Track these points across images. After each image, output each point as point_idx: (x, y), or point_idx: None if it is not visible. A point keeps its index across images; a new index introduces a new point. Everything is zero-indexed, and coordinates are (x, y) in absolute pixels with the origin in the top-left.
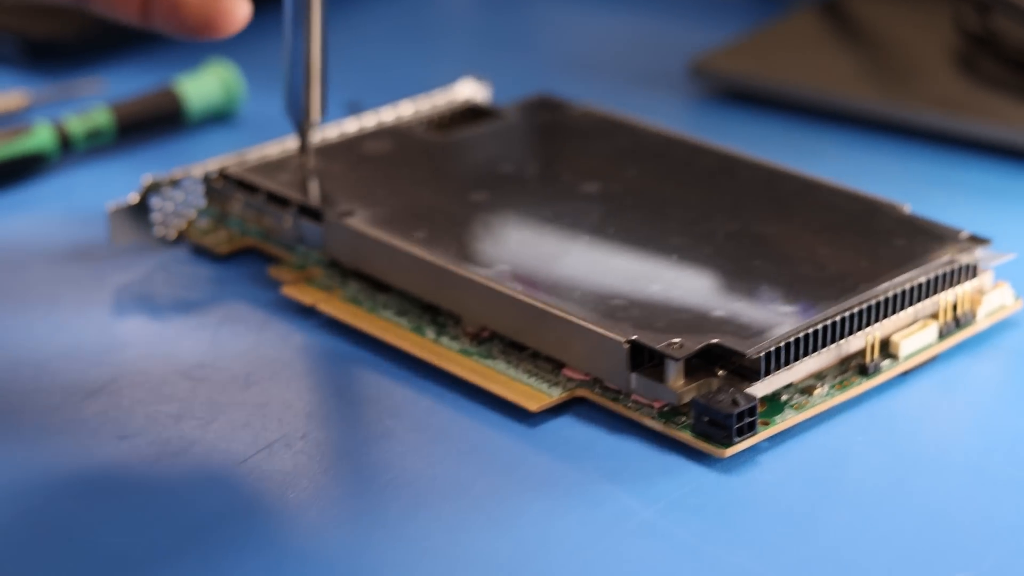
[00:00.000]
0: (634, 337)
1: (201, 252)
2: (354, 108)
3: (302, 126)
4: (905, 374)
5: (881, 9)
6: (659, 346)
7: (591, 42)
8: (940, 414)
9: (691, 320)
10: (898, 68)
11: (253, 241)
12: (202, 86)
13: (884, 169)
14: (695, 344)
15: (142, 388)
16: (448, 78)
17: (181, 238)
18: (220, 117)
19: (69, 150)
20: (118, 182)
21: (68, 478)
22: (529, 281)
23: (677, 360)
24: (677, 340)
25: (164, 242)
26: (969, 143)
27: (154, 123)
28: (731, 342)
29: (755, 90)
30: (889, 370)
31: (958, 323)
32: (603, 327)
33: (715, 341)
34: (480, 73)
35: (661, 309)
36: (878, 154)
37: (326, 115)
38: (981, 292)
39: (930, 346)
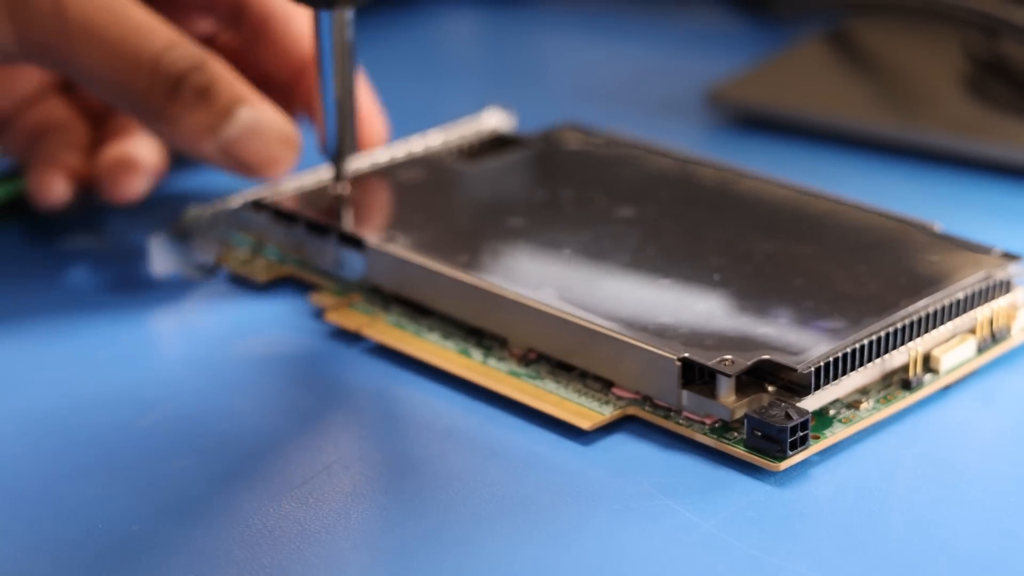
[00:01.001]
0: (685, 355)
1: (240, 281)
2: None
3: (337, 157)
4: (946, 388)
5: (887, 37)
6: (711, 363)
7: (604, 73)
8: (984, 426)
9: (738, 338)
10: (909, 93)
11: (291, 270)
12: None
13: (901, 191)
14: (746, 360)
15: (194, 415)
16: (465, 110)
17: (219, 268)
18: None
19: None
20: (145, 215)
21: (133, 506)
22: (577, 303)
23: (729, 376)
24: (728, 357)
25: (203, 272)
26: (982, 164)
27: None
28: (781, 358)
29: (771, 117)
30: (931, 384)
31: (994, 338)
32: (654, 345)
33: (766, 357)
34: (499, 104)
35: (708, 327)
36: (894, 177)
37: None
38: (1015, 307)
39: (969, 360)
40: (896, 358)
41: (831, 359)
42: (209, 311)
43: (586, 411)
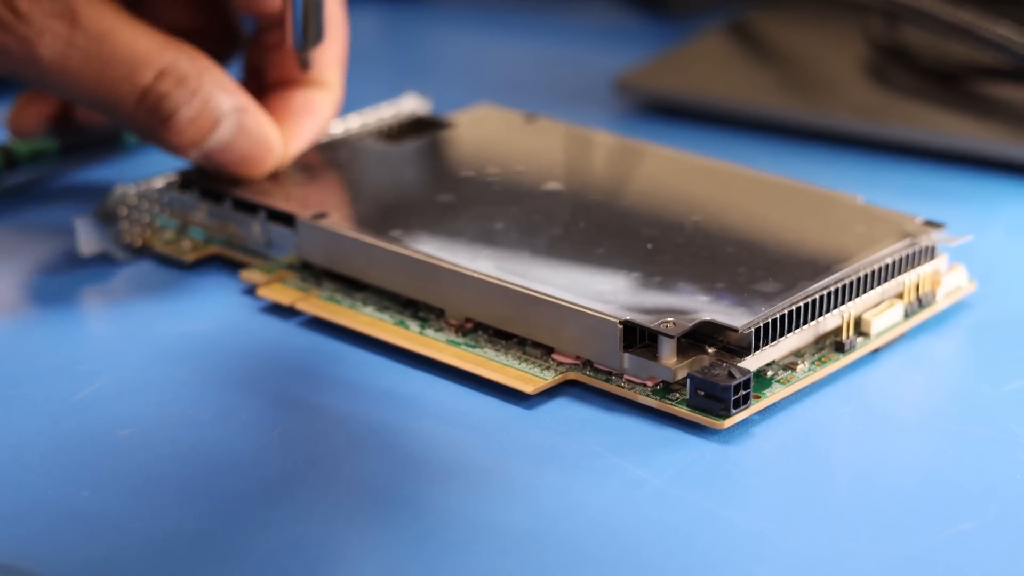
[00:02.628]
0: (627, 318)
1: (167, 261)
2: None
3: (303, 46)
4: (876, 351)
5: (787, 28)
6: (653, 325)
7: (508, 66)
8: (915, 386)
9: (677, 302)
10: (812, 79)
11: (218, 249)
12: None
13: (809, 173)
14: (688, 322)
15: (133, 388)
16: (378, 100)
17: (144, 249)
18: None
19: (13, 168)
20: (65, 199)
21: (80, 475)
22: (514, 272)
23: (672, 337)
24: (670, 319)
25: (129, 252)
26: (887, 147)
27: (95, 145)
28: (724, 318)
29: (679, 103)
30: (862, 347)
31: (920, 303)
32: (595, 309)
33: (707, 319)
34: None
35: (646, 293)
36: (801, 159)
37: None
38: (939, 273)
39: (897, 324)
40: (829, 322)
41: (770, 320)
42: (139, 289)
43: (528, 376)
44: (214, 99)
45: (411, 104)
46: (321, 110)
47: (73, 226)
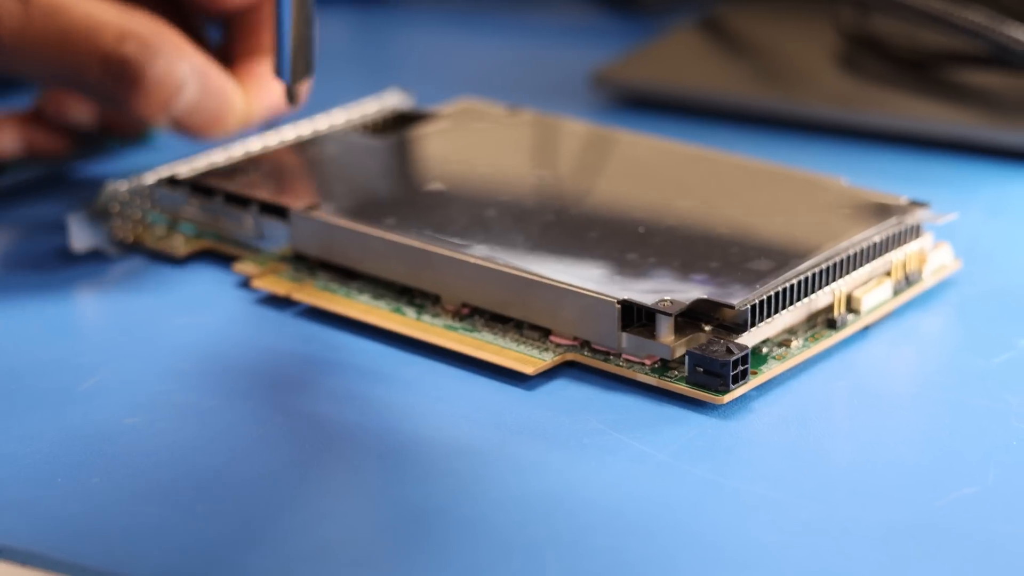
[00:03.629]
0: (625, 297)
1: (159, 257)
2: (271, 125)
3: (291, 79)
4: (866, 328)
5: (758, 22)
6: (651, 303)
7: (483, 64)
8: (907, 360)
9: (672, 281)
10: (786, 70)
11: (209, 243)
12: None
13: (786, 160)
14: (685, 300)
15: (136, 378)
16: (358, 98)
17: (135, 245)
18: (137, 142)
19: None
20: (56, 197)
21: (89, 461)
22: (510, 255)
23: (669, 316)
24: (667, 298)
25: (121, 248)
26: (862, 133)
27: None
28: (719, 296)
29: (656, 96)
30: (853, 324)
31: (908, 280)
32: (593, 290)
33: (704, 297)
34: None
35: (641, 274)
36: (778, 147)
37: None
38: (924, 251)
39: (886, 302)
40: (821, 299)
41: (765, 297)
42: (133, 284)
43: (527, 358)
44: (176, 61)
45: (394, 99)
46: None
47: (65, 223)
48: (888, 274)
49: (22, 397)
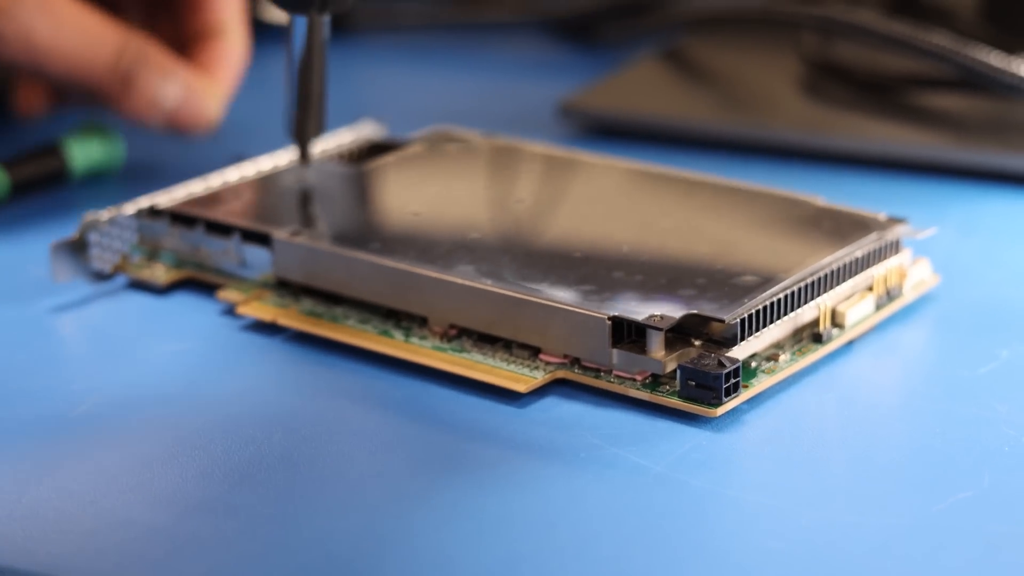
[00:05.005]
0: (615, 313)
1: (139, 286)
2: (238, 158)
3: (301, 142)
4: (851, 342)
5: (720, 52)
6: (642, 319)
7: (449, 97)
8: (893, 372)
9: (660, 298)
10: (751, 97)
11: (190, 272)
12: (86, 144)
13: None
14: (675, 315)
15: (128, 403)
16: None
17: (116, 274)
18: (102, 175)
19: None
20: (22, 234)
21: (94, 481)
22: (496, 276)
23: (660, 331)
24: (657, 313)
25: (100, 278)
26: (829, 157)
27: (42, 181)
28: (709, 311)
29: (623, 124)
30: (838, 338)
31: (889, 295)
32: (583, 307)
33: (693, 312)
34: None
35: (629, 291)
36: (746, 173)
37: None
38: (904, 266)
39: (869, 316)
40: (806, 314)
41: (753, 311)
42: (118, 313)
43: (518, 376)
44: (166, 68)
45: (368, 130)
46: (236, 58)
47: (48, 253)
48: (870, 289)
49: (17, 422)
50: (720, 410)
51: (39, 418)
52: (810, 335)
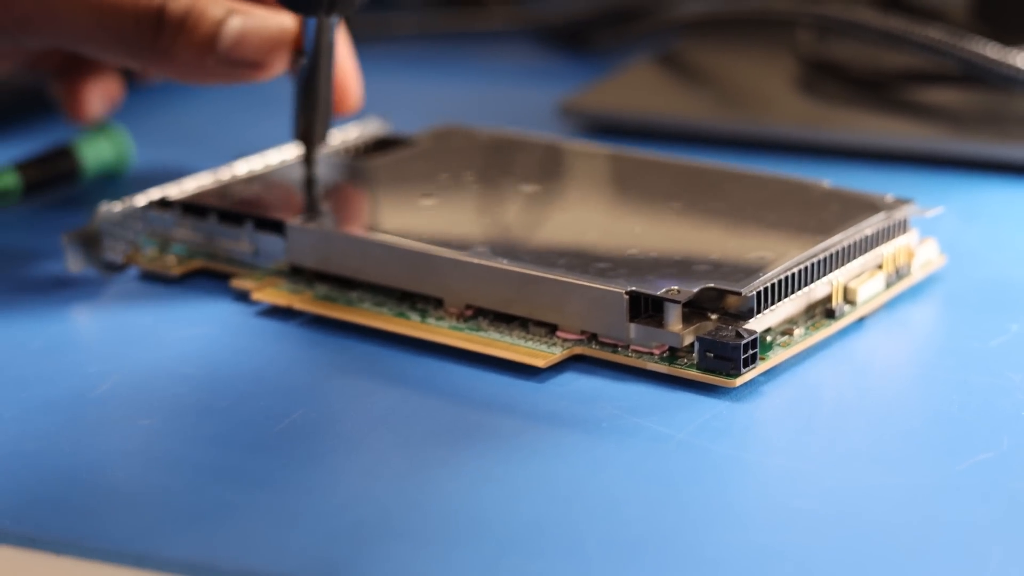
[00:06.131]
0: (632, 288)
1: (152, 277)
2: (243, 155)
3: (310, 145)
4: (862, 319)
5: (716, 54)
6: (659, 292)
7: (446, 101)
8: (907, 345)
9: (676, 273)
10: (748, 95)
11: (203, 263)
12: (96, 145)
13: None
14: (692, 288)
15: (146, 383)
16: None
17: (129, 265)
18: (112, 176)
19: None
20: (37, 229)
21: (111, 458)
22: (512, 256)
23: (678, 303)
24: (674, 287)
25: (113, 268)
26: (828, 151)
27: (54, 181)
28: (725, 284)
29: (624, 123)
30: (851, 314)
31: (898, 274)
32: (600, 283)
33: (710, 285)
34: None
35: (644, 267)
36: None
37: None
38: (912, 247)
39: (880, 294)
40: (819, 290)
41: (769, 285)
42: (132, 302)
43: (536, 352)
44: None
45: (373, 126)
46: None
47: (61, 244)
48: (880, 267)
49: (35, 403)
50: (739, 380)
51: (59, 399)
52: (823, 311)
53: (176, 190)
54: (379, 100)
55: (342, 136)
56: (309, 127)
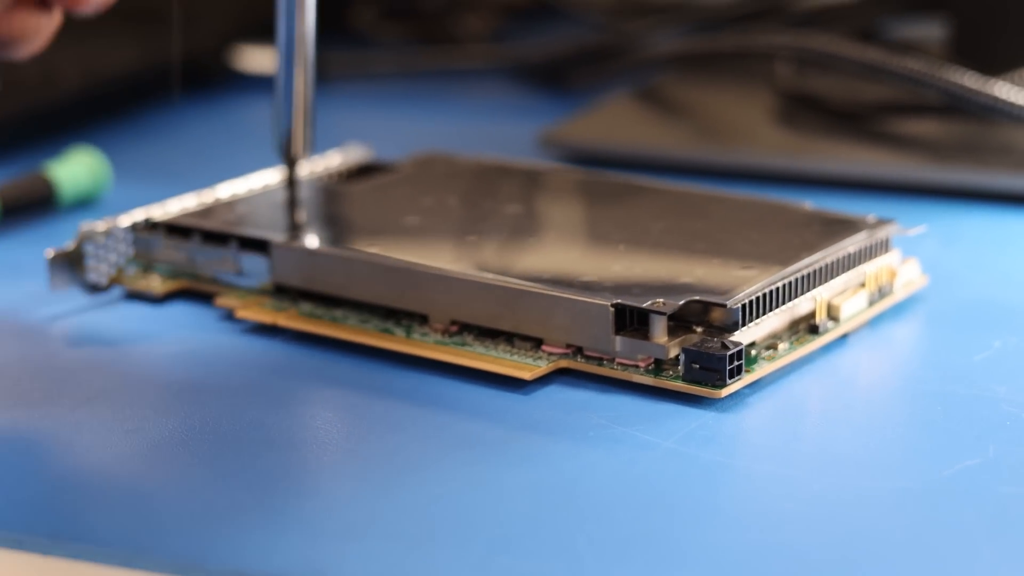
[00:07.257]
0: (618, 301)
1: (136, 297)
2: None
3: (290, 161)
4: (844, 336)
5: (694, 89)
6: (645, 305)
7: (426, 135)
8: (891, 360)
9: (661, 287)
10: (727, 128)
11: (186, 283)
12: (72, 171)
13: None
14: (677, 301)
15: (134, 403)
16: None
17: (112, 285)
18: (88, 200)
19: None
20: (21, 248)
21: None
22: (497, 271)
23: (664, 315)
24: (660, 300)
25: (97, 289)
26: (806, 180)
27: (30, 207)
28: (711, 297)
29: (604, 154)
30: (834, 330)
31: (880, 293)
32: (585, 296)
33: (695, 299)
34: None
35: (629, 282)
36: None
37: (312, 150)
38: (894, 266)
39: (863, 311)
40: (802, 306)
41: (754, 299)
42: (116, 321)
43: (522, 365)
44: None
45: (356, 153)
46: None
47: (44, 264)
48: (862, 285)
49: (23, 418)
50: (724, 391)
51: (45, 415)
52: (806, 327)
53: (160, 211)
54: (360, 134)
55: (324, 162)
56: (291, 144)
